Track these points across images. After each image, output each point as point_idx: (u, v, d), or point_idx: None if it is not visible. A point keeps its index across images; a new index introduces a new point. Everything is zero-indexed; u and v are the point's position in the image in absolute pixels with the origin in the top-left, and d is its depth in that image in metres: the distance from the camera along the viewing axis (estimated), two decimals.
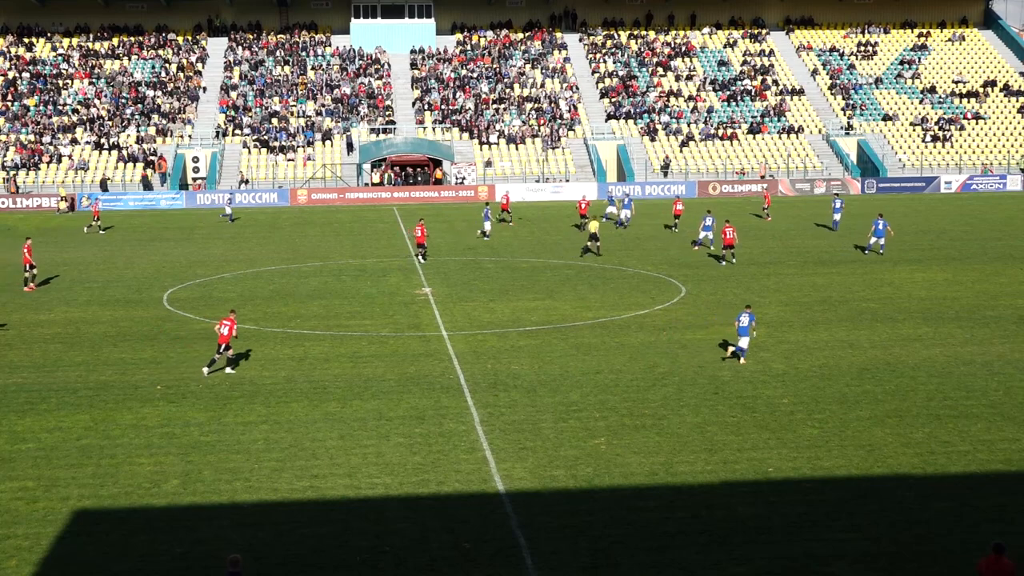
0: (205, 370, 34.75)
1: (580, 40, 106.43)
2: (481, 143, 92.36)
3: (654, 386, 33.07)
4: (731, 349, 35.89)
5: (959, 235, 63.27)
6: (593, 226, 57.40)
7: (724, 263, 54.00)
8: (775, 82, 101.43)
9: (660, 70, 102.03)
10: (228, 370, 34.82)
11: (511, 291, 47.94)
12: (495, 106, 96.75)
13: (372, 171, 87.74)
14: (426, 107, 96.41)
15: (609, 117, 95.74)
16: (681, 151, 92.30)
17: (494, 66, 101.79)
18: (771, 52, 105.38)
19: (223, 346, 34.55)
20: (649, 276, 51.22)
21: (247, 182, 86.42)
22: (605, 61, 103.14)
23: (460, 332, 40.22)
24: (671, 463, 26.71)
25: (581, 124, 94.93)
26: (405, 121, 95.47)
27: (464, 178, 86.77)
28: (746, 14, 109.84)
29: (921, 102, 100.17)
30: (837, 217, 65.56)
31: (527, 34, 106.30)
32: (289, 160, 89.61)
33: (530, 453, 27.43)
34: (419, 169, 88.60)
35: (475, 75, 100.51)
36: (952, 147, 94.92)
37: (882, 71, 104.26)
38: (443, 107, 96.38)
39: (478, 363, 35.81)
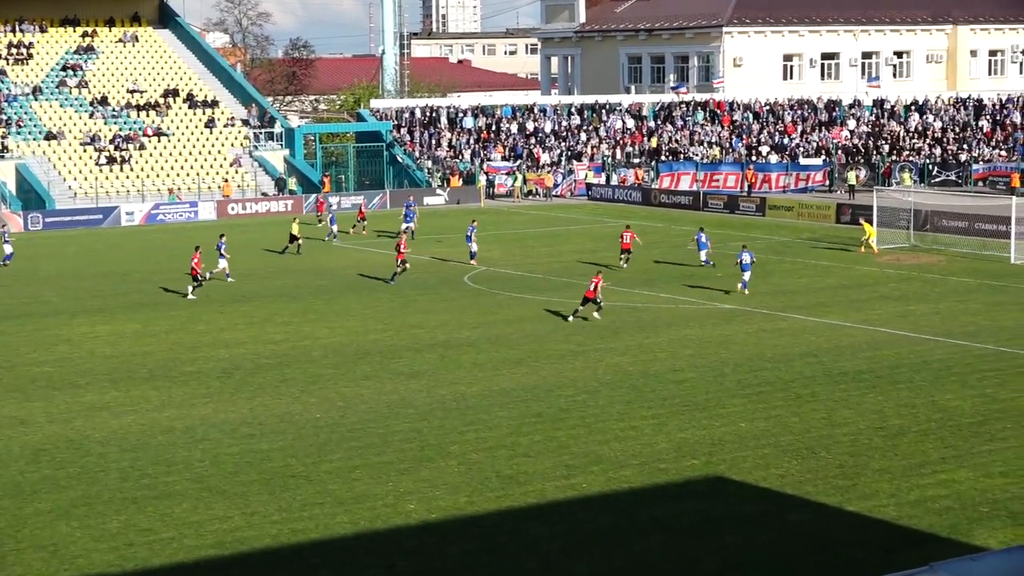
0: (571, 318, 47.04)
1: None
2: None
3: None
4: (739, 284, 51.99)
5: (148, 276, 61.82)
6: (295, 228, 68.17)
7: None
8: None
9: None
10: (596, 315, 46.91)
11: None
12: None
13: None
14: None
15: None
16: None
17: None
18: None
19: (589, 300, 46.44)
20: None
21: None
22: None
23: None
24: None
25: None
26: None
27: None
28: None
29: (91, 116, 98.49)
30: None
31: None
32: None
33: None
34: None
35: None
36: (132, 170, 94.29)
37: (41, 79, 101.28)
38: None
39: None
